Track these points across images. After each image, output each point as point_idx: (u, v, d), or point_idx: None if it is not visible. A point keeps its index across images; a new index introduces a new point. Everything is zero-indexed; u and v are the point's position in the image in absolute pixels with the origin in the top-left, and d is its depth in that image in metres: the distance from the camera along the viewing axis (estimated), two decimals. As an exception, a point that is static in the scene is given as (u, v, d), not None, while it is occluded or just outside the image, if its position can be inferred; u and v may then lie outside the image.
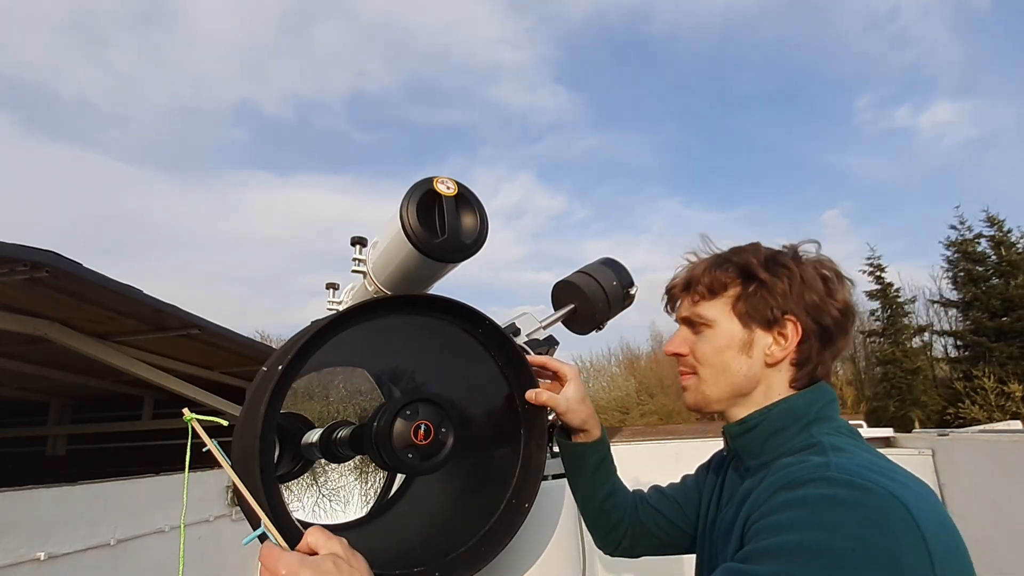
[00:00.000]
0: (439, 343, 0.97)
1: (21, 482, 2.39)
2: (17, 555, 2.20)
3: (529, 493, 0.94)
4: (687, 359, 0.86)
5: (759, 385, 0.80)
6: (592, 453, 0.99)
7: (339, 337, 0.81)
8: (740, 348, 0.80)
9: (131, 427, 5.26)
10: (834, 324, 0.78)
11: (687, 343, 0.86)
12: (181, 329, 3.41)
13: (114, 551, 2.66)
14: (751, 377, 0.80)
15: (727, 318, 0.81)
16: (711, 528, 0.87)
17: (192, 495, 3.30)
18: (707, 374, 0.83)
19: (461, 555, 0.88)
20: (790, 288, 0.78)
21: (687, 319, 0.86)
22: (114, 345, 3.50)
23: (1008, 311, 16.39)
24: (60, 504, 2.44)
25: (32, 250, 2.33)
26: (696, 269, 0.86)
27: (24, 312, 2.96)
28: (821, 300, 0.78)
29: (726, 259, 0.84)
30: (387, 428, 0.81)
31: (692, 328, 0.86)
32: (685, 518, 0.99)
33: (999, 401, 15.11)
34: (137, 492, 2.89)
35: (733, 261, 0.82)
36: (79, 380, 4.52)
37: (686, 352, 0.85)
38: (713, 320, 0.82)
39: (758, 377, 0.80)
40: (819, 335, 0.78)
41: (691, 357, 0.85)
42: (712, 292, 0.83)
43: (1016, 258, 16.63)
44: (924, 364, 18.24)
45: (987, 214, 17.44)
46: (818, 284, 0.79)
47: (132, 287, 2.85)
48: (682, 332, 0.88)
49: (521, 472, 0.96)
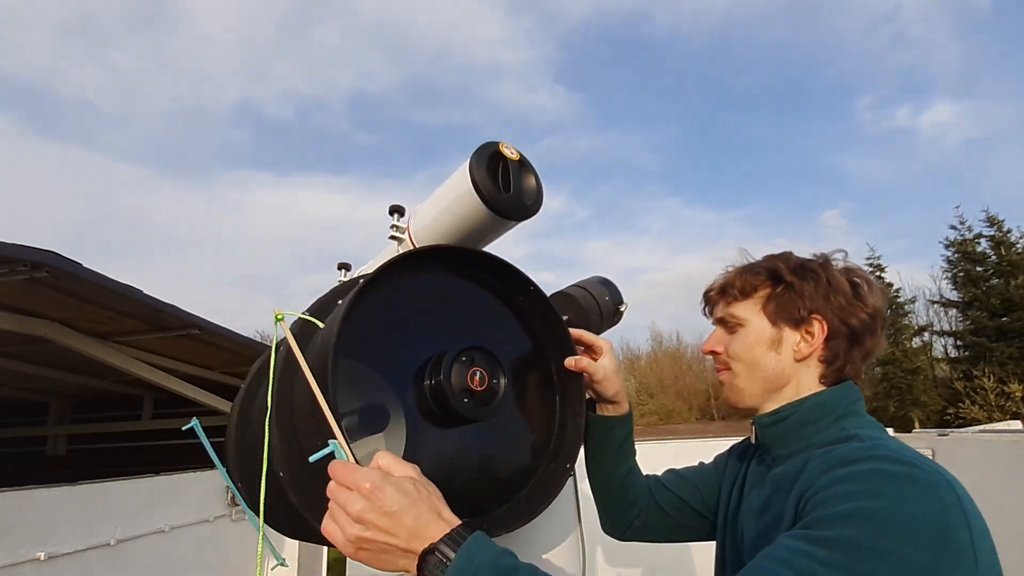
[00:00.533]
0: (478, 305, 0.99)
1: (21, 482, 2.39)
2: (17, 555, 2.20)
3: (570, 453, 0.97)
4: (722, 356, 0.93)
5: (790, 381, 0.86)
6: (620, 427, 1.03)
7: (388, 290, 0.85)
8: (769, 345, 0.87)
9: (131, 427, 5.26)
10: (861, 326, 0.84)
11: (721, 342, 0.94)
12: (181, 329, 3.41)
13: (114, 551, 2.66)
14: (780, 372, 0.86)
15: (757, 317, 0.89)
16: (735, 512, 0.92)
17: (192, 495, 3.30)
18: (740, 369, 0.90)
19: (507, 510, 0.89)
20: (816, 290, 0.85)
21: (721, 319, 0.94)
22: (114, 345, 3.50)
23: (1008, 311, 16.39)
24: (60, 504, 2.44)
25: (32, 250, 2.33)
26: (731, 275, 0.94)
27: (24, 312, 2.96)
28: (848, 303, 0.84)
29: (758, 265, 0.92)
30: (447, 370, 0.82)
31: (726, 328, 0.93)
32: (703, 502, 1.03)
33: (999, 401, 15.12)
34: (137, 492, 2.89)
35: (764, 266, 0.91)
36: (79, 380, 4.52)
37: (721, 350, 0.93)
38: (744, 319, 0.90)
39: (788, 372, 0.86)
40: (847, 335, 0.84)
41: (725, 354, 0.92)
42: (744, 294, 0.91)
43: (1016, 258, 16.63)
44: (924, 364, 18.25)
45: (987, 214, 17.45)
46: (845, 288, 0.85)
47: (132, 287, 2.85)
48: (717, 332, 0.95)
49: (559, 434, 0.99)
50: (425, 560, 0.59)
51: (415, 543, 0.59)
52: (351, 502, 0.59)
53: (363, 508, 0.59)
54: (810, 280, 0.85)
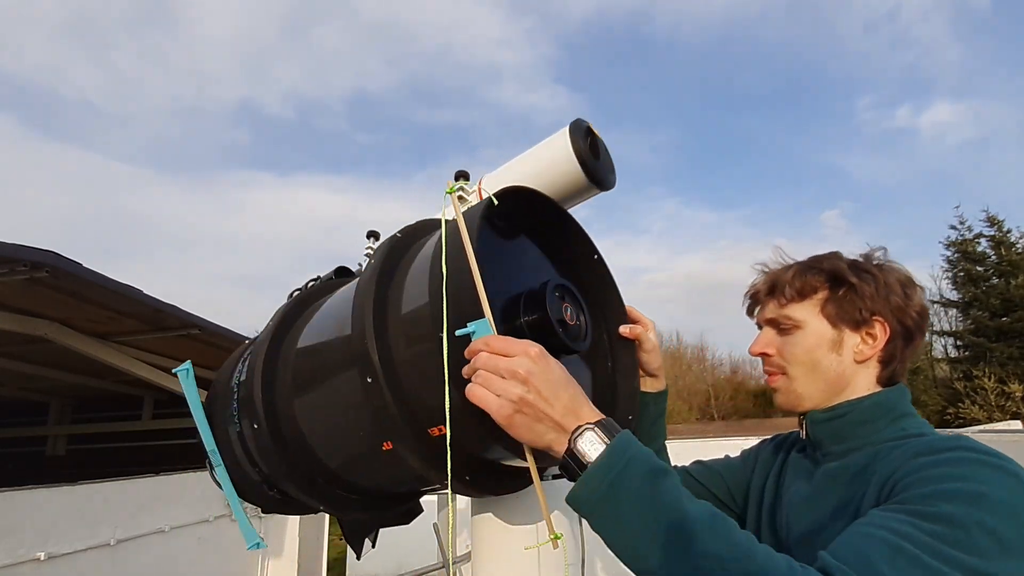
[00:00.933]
0: (541, 267, 0.99)
1: (21, 482, 2.39)
2: (17, 555, 2.20)
3: (627, 411, 0.96)
4: (773, 359, 0.90)
5: (849, 383, 0.85)
6: (655, 403, 1.04)
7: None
8: (830, 347, 0.85)
9: (131, 427, 5.26)
10: (914, 325, 0.85)
11: (772, 344, 0.90)
12: (181, 329, 3.40)
13: (114, 551, 2.66)
14: (841, 374, 0.85)
15: (816, 319, 0.86)
16: (773, 504, 0.92)
17: (192, 495, 3.30)
18: (798, 372, 0.87)
19: None
20: (876, 291, 0.84)
21: (773, 320, 0.91)
22: (114, 345, 3.50)
23: (1008, 311, 16.38)
24: (60, 504, 2.44)
25: (32, 250, 2.33)
26: (783, 274, 0.90)
27: (24, 312, 2.95)
28: (903, 303, 0.84)
29: (813, 265, 0.89)
30: (551, 300, 0.80)
31: (778, 329, 0.90)
32: (729, 494, 1.03)
33: (999, 401, 15.12)
34: (137, 492, 2.89)
35: (823, 267, 0.87)
36: (79, 380, 4.52)
37: (772, 353, 0.90)
38: (802, 321, 0.87)
39: (848, 374, 0.85)
40: (902, 335, 0.85)
41: (777, 357, 0.89)
42: (801, 295, 0.88)
43: (1016, 258, 16.63)
44: (924, 364, 18.23)
45: (987, 214, 17.45)
46: (898, 288, 0.85)
47: (132, 287, 2.85)
48: (767, 334, 0.92)
49: (611, 399, 0.99)
50: (580, 435, 0.60)
51: (568, 419, 0.60)
52: (518, 364, 0.59)
53: (530, 370, 0.59)
54: (869, 281, 0.84)
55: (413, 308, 0.75)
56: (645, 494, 0.57)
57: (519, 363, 0.59)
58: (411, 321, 0.75)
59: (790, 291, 0.88)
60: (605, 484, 0.58)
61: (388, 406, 0.71)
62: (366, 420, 0.77)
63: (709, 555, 0.54)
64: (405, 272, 0.81)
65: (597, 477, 0.58)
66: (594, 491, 0.58)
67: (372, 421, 0.76)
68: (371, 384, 0.71)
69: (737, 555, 0.55)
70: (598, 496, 0.58)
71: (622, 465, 0.58)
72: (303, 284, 1.12)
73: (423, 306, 0.72)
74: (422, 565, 3.08)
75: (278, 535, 3.94)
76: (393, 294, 0.78)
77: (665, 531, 0.56)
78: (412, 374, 0.72)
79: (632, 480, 0.58)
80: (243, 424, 0.92)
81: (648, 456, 0.60)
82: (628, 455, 0.59)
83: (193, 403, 0.97)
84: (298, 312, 1.01)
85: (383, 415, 0.72)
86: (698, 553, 0.54)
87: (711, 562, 0.54)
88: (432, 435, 0.72)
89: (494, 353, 0.61)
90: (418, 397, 0.72)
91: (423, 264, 0.78)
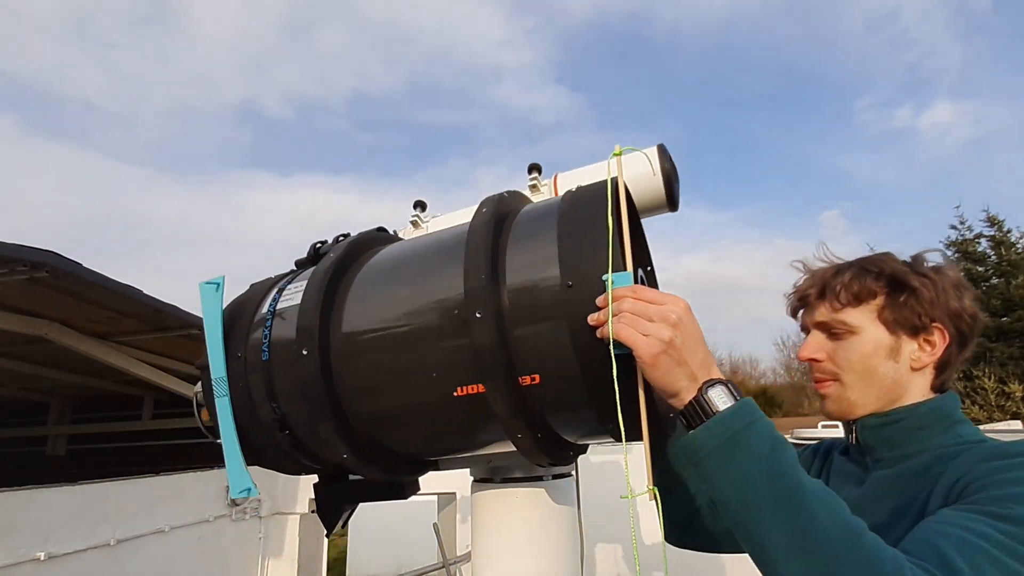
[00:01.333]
0: None
1: (21, 482, 2.39)
2: (17, 555, 2.20)
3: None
4: (823, 365, 0.86)
5: (904, 389, 0.82)
6: None
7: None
8: (887, 354, 0.82)
9: (131, 427, 5.26)
10: (969, 331, 0.82)
11: (823, 349, 0.86)
12: (181, 329, 3.40)
13: (114, 551, 2.66)
14: (898, 381, 0.82)
15: (873, 325, 0.83)
16: None
17: (192, 495, 3.30)
18: (852, 380, 0.83)
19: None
20: (936, 297, 0.81)
21: (824, 324, 0.86)
22: (114, 345, 3.50)
23: (1008, 311, 16.38)
24: (60, 504, 2.44)
25: (32, 250, 2.33)
26: (837, 277, 0.86)
27: (24, 312, 2.96)
28: (960, 307, 0.82)
29: (870, 268, 0.85)
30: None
31: (829, 334, 0.86)
32: None
33: (999, 401, 15.10)
34: (137, 492, 2.89)
35: (882, 271, 0.83)
36: (79, 380, 4.52)
37: (822, 358, 0.86)
38: (858, 327, 0.83)
39: (904, 381, 0.82)
40: (958, 340, 0.82)
41: (829, 363, 0.86)
42: (858, 300, 0.84)
43: (1016, 258, 16.62)
44: (924, 364, 18.18)
45: (987, 214, 17.43)
46: (953, 292, 0.82)
47: (132, 287, 2.85)
48: (816, 338, 0.88)
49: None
50: (711, 387, 0.62)
51: (702, 371, 0.62)
52: (670, 311, 0.62)
53: (681, 318, 0.62)
54: (928, 287, 0.81)
55: (536, 253, 0.75)
56: (764, 454, 0.59)
57: (671, 310, 0.62)
58: (531, 264, 0.74)
59: (846, 295, 0.84)
60: (728, 434, 0.60)
61: (491, 345, 0.70)
62: (444, 360, 0.76)
63: (817, 526, 0.56)
64: (512, 222, 0.82)
65: (722, 425, 0.60)
66: (715, 437, 0.60)
67: (454, 363, 0.76)
68: (479, 319, 0.71)
69: (845, 533, 0.56)
70: (717, 443, 0.60)
71: (748, 422, 0.60)
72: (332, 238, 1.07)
73: (550, 252, 0.72)
74: (422, 565, 3.08)
75: (278, 535, 3.94)
76: (502, 241, 0.79)
77: (776, 494, 0.58)
78: (523, 316, 0.73)
79: (755, 438, 0.60)
80: (275, 352, 0.88)
81: (772, 425, 0.62)
82: (756, 416, 0.61)
83: (212, 322, 0.90)
84: (360, 250, 0.99)
85: (483, 353, 0.71)
86: (805, 521, 0.56)
87: (818, 532, 0.56)
88: (523, 383, 0.72)
89: (641, 300, 0.63)
90: (525, 340, 0.72)
91: (544, 215, 0.80)
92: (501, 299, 0.73)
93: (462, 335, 0.74)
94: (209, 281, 0.91)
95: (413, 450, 0.93)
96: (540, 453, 0.77)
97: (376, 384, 0.84)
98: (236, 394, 0.90)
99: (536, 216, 0.82)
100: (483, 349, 0.71)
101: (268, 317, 0.91)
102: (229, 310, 0.98)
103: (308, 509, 3.96)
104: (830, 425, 3.15)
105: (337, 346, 0.84)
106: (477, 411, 0.76)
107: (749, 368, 31.88)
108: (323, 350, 0.82)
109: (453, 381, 0.76)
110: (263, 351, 0.89)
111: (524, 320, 0.72)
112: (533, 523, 0.94)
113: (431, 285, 0.82)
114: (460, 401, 0.76)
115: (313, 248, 1.04)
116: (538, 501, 0.95)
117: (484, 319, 0.71)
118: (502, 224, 0.81)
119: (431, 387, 0.78)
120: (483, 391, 0.73)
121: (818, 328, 0.88)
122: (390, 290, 0.87)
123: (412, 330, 0.81)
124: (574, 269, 0.69)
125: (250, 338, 0.92)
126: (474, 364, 0.73)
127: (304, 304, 0.86)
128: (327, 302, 0.85)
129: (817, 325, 0.88)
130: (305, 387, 0.82)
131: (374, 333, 0.85)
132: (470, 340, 0.72)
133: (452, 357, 0.76)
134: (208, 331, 0.90)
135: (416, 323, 0.81)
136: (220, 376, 0.89)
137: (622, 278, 0.65)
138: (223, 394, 0.89)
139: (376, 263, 0.94)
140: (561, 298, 0.69)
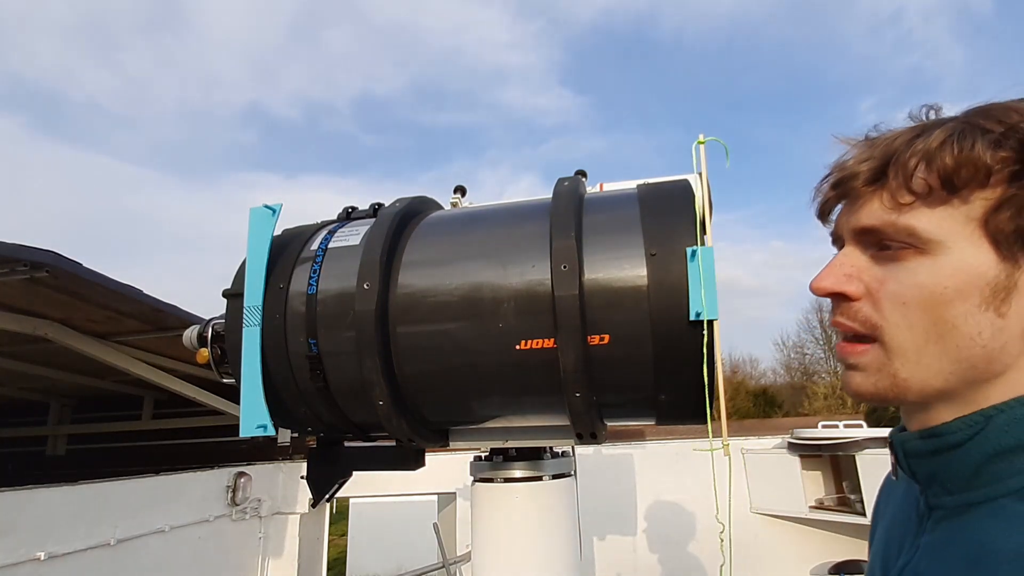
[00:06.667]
0: None
1: (21, 482, 2.39)
2: (17, 555, 2.20)
3: None
4: (858, 307, 0.49)
5: (1001, 367, 0.44)
6: None
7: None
8: (987, 297, 0.43)
9: (131, 427, 5.26)
10: None
11: (863, 275, 0.49)
12: (181, 329, 3.39)
13: (114, 551, 2.66)
14: (995, 350, 0.44)
15: (966, 239, 0.44)
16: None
17: (192, 495, 3.30)
18: (906, 339, 0.46)
19: None
20: None
21: (873, 232, 0.48)
22: (114, 345, 3.50)
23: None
24: (60, 504, 2.44)
25: (32, 250, 2.33)
26: (917, 141, 0.46)
27: (24, 312, 2.96)
28: None
29: (986, 126, 0.44)
30: None
31: (877, 249, 0.49)
32: None
33: None
34: (137, 492, 2.89)
35: (1009, 133, 0.43)
36: (79, 380, 4.52)
37: (858, 293, 0.49)
38: (940, 240, 0.44)
39: (1007, 353, 0.44)
40: None
41: (868, 304, 0.48)
42: (950, 186, 0.44)
43: (1016, 258, 16.59)
44: (924, 364, 18.16)
45: (987, 214, 17.43)
46: None
47: (132, 287, 2.86)
48: (852, 256, 0.50)
49: None
50: None
51: None
52: None
53: None
54: None
55: (620, 224, 0.79)
56: None
57: None
58: (614, 232, 0.78)
59: (928, 176, 0.45)
60: None
61: (572, 299, 0.72)
62: (514, 309, 0.78)
63: None
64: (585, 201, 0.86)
65: None
66: None
67: (524, 312, 0.77)
68: (564, 272, 0.73)
69: None
70: None
71: None
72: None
73: (633, 225, 0.77)
74: (422, 565, 3.08)
75: (278, 535, 3.94)
76: (583, 210, 0.83)
77: None
78: (602, 278, 0.76)
79: None
80: (324, 285, 0.86)
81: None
82: None
83: (258, 248, 0.86)
84: (421, 208, 1.00)
85: (564, 304, 0.72)
86: None
87: None
88: (591, 342, 0.74)
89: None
90: (602, 299, 0.75)
91: (620, 198, 0.85)
92: (582, 259, 0.76)
93: (538, 287, 0.76)
94: (266, 206, 0.88)
95: (448, 405, 0.90)
96: (588, 418, 0.78)
97: (434, 329, 0.82)
98: (269, 326, 0.86)
99: (611, 198, 0.87)
100: (563, 301, 0.73)
101: (319, 253, 0.91)
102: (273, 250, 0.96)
103: (308, 509, 3.96)
104: (830, 425, 3.08)
105: (399, 286, 0.84)
106: (535, 367, 0.77)
107: (749, 368, 31.91)
108: (383, 286, 0.82)
109: (518, 334, 0.77)
110: (311, 284, 0.88)
111: (603, 282, 0.75)
112: (533, 522, 0.94)
113: (507, 238, 0.84)
114: (520, 355, 0.77)
115: (345, 210, 1.05)
116: (538, 500, 0.95)
117: (569, 272, 0.73)
118: (582, 199, 0.84)
119: (494, 337, 0.78)
120: (548, 346, 0.75)
121: (860, 238, 0.50)
122: (461, 239, 0.89)
123: (482, 279, 0.81)
124: (657, 240, 0.73)
125: (295, 271, 0.90)
126: (545, 317, 0.75)
127: (369, 243, 0.86)
128: (393, 241, 0.86)
129: (860, 233, 0.49)
130: (358, 320, 0.80)
131: (440, 278, 0.83)
132: (552, 291, 0.74)
133: (524, 306, 0.77)
134: (251, 258, 0.87)
135: (488, 272, 0.81)
136: (255, 304, 0.85)
137: (706, 252, 0.68)
138: (254, 324, 0.84)
139: (442, 217, 0.96)
140: (642, 265, 0.73)
